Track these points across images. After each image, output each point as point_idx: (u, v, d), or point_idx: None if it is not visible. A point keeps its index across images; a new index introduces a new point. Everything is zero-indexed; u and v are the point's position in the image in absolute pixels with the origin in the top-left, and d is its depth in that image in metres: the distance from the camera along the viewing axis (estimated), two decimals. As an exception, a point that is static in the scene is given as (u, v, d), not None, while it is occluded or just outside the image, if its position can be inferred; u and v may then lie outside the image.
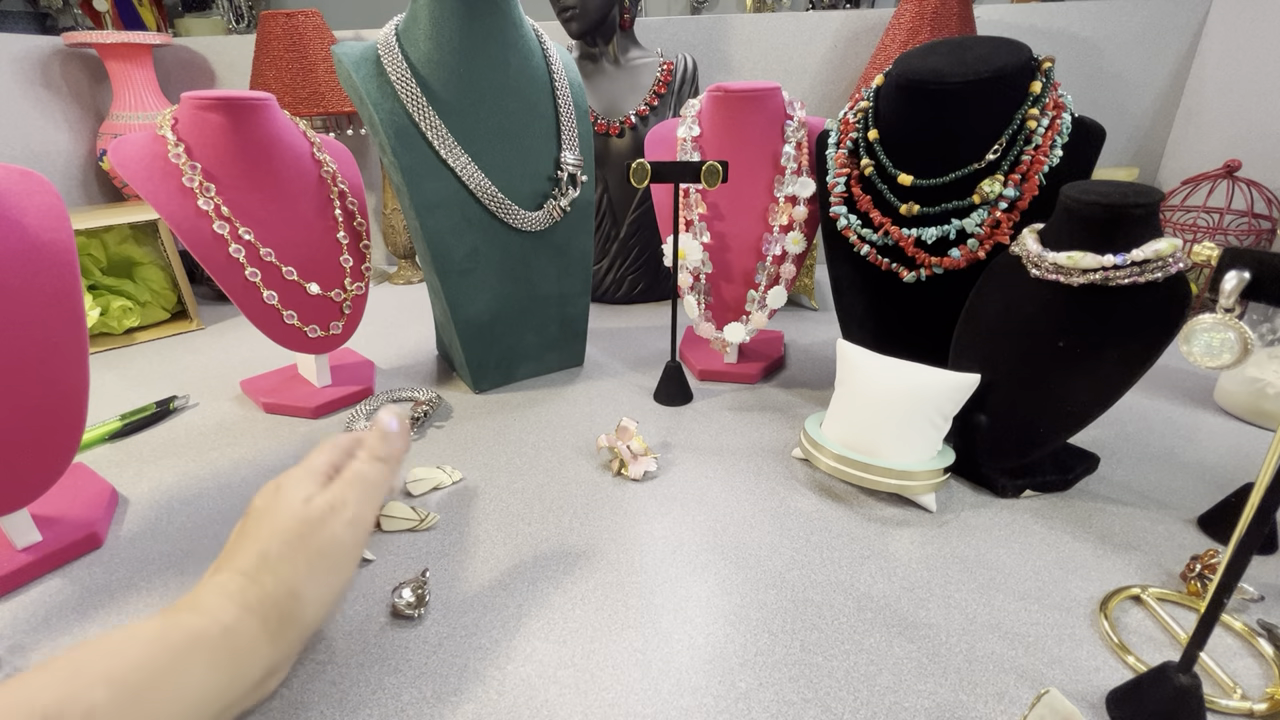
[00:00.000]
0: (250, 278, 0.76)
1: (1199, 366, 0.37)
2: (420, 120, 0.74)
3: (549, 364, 0.95)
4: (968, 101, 0.67)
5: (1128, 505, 0.63)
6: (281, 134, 0.78)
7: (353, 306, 0.86)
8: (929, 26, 1.15)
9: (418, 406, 0.81)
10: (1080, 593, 0.52)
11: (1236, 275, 0.36)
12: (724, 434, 0.78)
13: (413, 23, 0.74)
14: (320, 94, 1.27)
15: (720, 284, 0.90)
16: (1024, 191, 0.66)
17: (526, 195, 0.83)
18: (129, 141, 0.74)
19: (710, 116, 0.88)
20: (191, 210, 0.73)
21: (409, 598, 0.51)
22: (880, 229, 0.73)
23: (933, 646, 0.47)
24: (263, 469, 0.72)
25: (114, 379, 0.97)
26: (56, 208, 0.55)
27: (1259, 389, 0.77)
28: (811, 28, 1.36)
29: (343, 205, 0.85)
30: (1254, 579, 0.53)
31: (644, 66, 1.20)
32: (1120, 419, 0.79)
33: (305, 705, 0.44)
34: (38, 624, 0.51)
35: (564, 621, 0.51)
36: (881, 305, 0.77)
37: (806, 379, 0.92)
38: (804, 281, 1.22)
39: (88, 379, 0.56)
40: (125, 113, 1.32)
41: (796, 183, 0.84)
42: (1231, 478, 0.67)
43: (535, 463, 0.72)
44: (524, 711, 0.43)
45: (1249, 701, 0.42)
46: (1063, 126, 0.66)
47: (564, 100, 0.83)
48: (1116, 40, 1.30)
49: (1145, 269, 0.54)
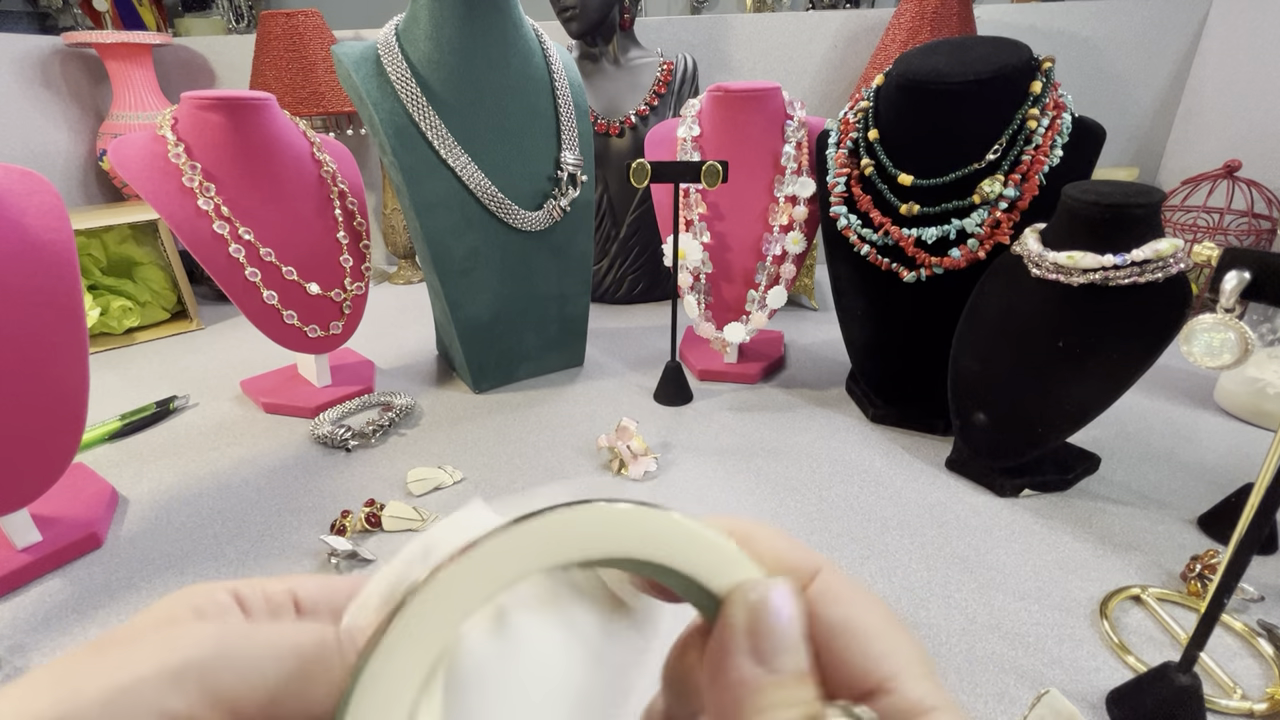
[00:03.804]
0: (250, 278, 0.76)
1: (1199, 366, 0.37)
2: (420, 120, 0.74)
3: (549, 364, 0.95)
4: (968, 101, 0.67)
5: (1128, 505, 0.63)
6: (281, 134, 0.78)
7: (353, 306, 0.86)
8: (929, 26, 1.15)
9: (384, 413, 0.81)
10: (1080, 593, 0.52)
11: (1236, 275, 0.36)
12: (724, 434, 0.78)
13: (413, 23, 0.74)
14: (320, 94, 1.27)
15: (720, 284, 0.90)
16: (1024, 191, 0.66)
17: (526, 195, 0.83)
18: (129, 141, 0.74)
19: (710, 116, 0.88)
20: (191, 210, 0.73)
21: (409, 598, 0.51)
22: (880, 229, 0.73)
23: (933, 646, 0.47)
24: (263, 469, 0.72)
25: (114, 379, 0.97)
26: (56, 208, 0.55)
27: (1259, 389, 0.76)
28: (811, 28, 1.35)
29: (343, 205, 0.85)
30: (1254, 579, 0.53)
31: (644, 66, 1.20)
32: (1120, 419, 0.79)
33: (305, 705, 0.44)
34: (38, 624, 0.51)
35: (564, 621, 0.50)
36: (881, 305, 0.77)
37: (806, 379, 0.92)
38: (804, 281, 1.22)
39: (88, 379, 0.56)
40: (125, 113, 1.32)
41: (796, 183, 0.84)
42: (1231, 478, 0.67)
43: (535, 463, 0.72)
44: (524, 711, 0.43)
45: (1249, 701, 0.42)
46: (1063, 126, 0.66)
47: (564, 100, 0.83)
48: (1116, 40, 1.30)
49: (1145, 269, 0.54)
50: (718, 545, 0.13)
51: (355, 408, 0.84)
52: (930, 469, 0.70)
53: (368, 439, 0.76)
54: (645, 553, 0.13)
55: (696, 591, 0.13)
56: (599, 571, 0.15)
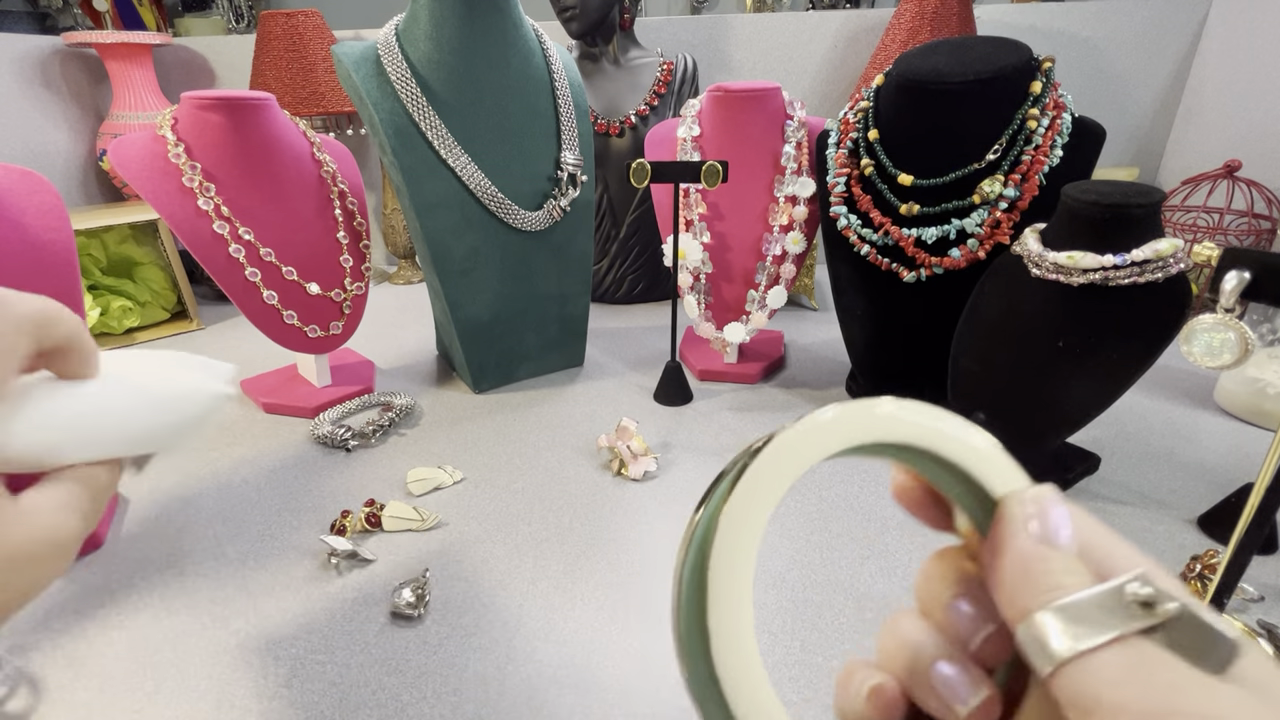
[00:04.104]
0: (250, 278, 0.76)
1: (1199, 366, 0.37)
2: (420, 120, 0.74)
3: (549, 364, 0.95)
4: (968, 101, 0.67)
5: (1128, 505, 0.63)
6: (281, 134, 0.78)
7: (353, 306, 0.86)
8: (929, 26, 1.15)
9: (384, 412, 0.81)
10: (1080, 593, 0.52)
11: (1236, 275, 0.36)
12: (724, 434, 0.78)
13: (413, 23, 0.74)
14: (320, 94, 1.27)
15: (720, 284, 0.90)
16: (1024, 191, 0.66)
17: (526, 195, 0.83)
18: (129, 141, 0.74)
19: (710, 116, 0.88)
20: (191, 210, 0.73)
21: (409, 598, 0.51)
22: (880, 229, 0.73)
23: (933, 646, 0.47)
24: (263, 469, 0.72)
25: (114, 379, 0.96)
26: (56, 208, 0.55)
27: (1259, 389, 0.76)
28: (811, 28, 1.35)
29: (343, 205, 0.85)
30: (1254, 579, 0.53)
31: (644, 66, 1.20)
32: (1120, 419, 0.79)
33: (305, 705, 0.44)
34: (37, 624, 0.51)
35: (564, 621, 0.51)
36: (881, 305, 0.77)
37: (806, 379, 0.92)
38: (804, 281, 1.22)
39: (88, 379, 0.56)
40: (125, 113, 1.32)
41: (796, 183, 0.84)
42: (1231, 478, 0.67)
43: (535, 463, 0.72)
44: (524, 711, 0.43)
45: (1249, 701, 0.42)
46: (1063, 126, 0.66)
47: (564, 100, 0.83)
48: (1116, 40, 1.30)
49: (1145, 269, 0.54)
50: (1001, 460, 0.16)
51: (355, 408, 0.84)
52: (930, 469, 0.70)
53: (368, 439, 0.76)
54: (948, 451, 0.16)
55: (974, 493, 0.16)
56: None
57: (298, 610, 0.52)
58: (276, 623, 0.51)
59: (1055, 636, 0.13)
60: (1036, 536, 0.15)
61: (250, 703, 0.45)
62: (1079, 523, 0.15)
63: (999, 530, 0.15)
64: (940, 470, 0.17)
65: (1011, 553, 0.15)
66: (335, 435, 0.75)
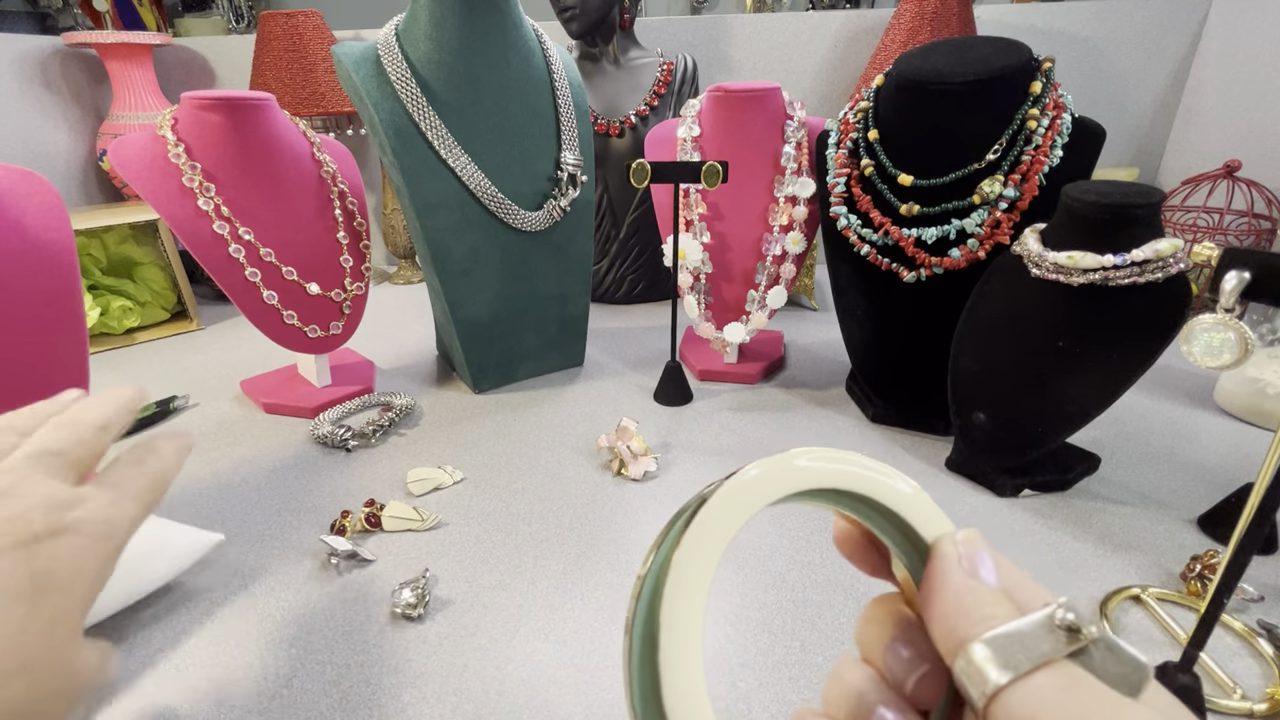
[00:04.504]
0: (250, 278, 0.76)
1: (1199, 366, 0.37)
2: (420, 120, 0.74)
3: (549, 364, 0.95)
4: (968, 102, 0.67)
5: (1128, 505, 0.63)
6: (281, 134, 0.78)
7: (353, 306, 0.86)
8: (929, 26, 1.15)
9: (384, 413, 0.81)
10: (1080, 593, 0.52)
11: (1236, 275, 0.36)
12: (724, 434, 0.78)
13: (413, 23, 0.74)
14: (320, 94, 1.27)
15: (720, 284, 0.90)
16: (1024, 191, 0.66)
17: (526, 195, 0.83)
18: (129, 142, 0.74)
19: (710, 116, 0.88)
20: (191, 210, 0.73)
21: (409, 598, 0.51)
22: (880, 229, 0.73)
23: (933, 646, 0.47)
24: (263, 469, 0.72)
25: (114, 379, 0.97)
26: (56, 208, 0.55)
27: (1259, 389, 0.76)
28: (811, 28, 1.35)
29: (343, 205, 0.85)
30: (1254, 579, 0.53)
31: (644, 66, 1.20)
32: (1120, 419, 0.79)
33: (305, 705, 0.44)
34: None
35: (564, 621, 0.51)
36: (881, 305, 0.77)
37: (806, 379, 0.92)
38: (804, 281, 1.22)
39: (88, 379, 0.56)
40: (125, 113, 1.32)
41: (796, 183, 0.84)
42: (1231, 478, 0.67)
43: (535, 463, 0.72)
44: (524, 711, 0.43)
45: (1249, 701, 0.42)
46: (1063, 126, 0.66)
47: (564, 100, 0.83)
48: (1116, 40, 1.30)
49: (1145, 269, 0.54)
50: (929, 505, 0.18)
51: (355, 408, 0.84)
52: (930, 469, 0.70)
53: (368, 439, 0.76)
54: (879, 495, 0.17)
55: (908, 537, 0.18)
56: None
57: (298, 610, 0.52)
58: (276, 623, 0.51)
59: (990, 666, 0.14)
60: (969, 572, 0.16)
61: (250, 703, 0.45)
62: (1001, 564, 0.16)
63: (934, 567, 0.17)
64: (875, 515, 0.18)
65: (947, 588, 0.16)
66: (335, 435, 0.75)
